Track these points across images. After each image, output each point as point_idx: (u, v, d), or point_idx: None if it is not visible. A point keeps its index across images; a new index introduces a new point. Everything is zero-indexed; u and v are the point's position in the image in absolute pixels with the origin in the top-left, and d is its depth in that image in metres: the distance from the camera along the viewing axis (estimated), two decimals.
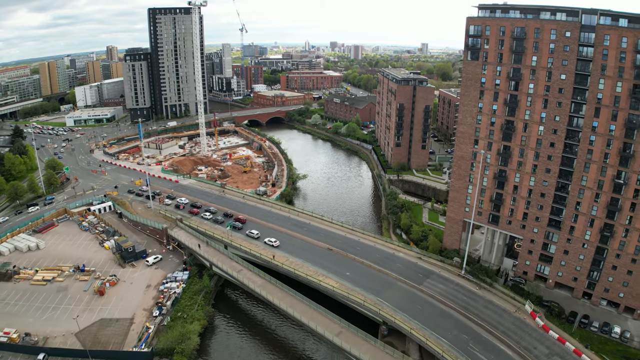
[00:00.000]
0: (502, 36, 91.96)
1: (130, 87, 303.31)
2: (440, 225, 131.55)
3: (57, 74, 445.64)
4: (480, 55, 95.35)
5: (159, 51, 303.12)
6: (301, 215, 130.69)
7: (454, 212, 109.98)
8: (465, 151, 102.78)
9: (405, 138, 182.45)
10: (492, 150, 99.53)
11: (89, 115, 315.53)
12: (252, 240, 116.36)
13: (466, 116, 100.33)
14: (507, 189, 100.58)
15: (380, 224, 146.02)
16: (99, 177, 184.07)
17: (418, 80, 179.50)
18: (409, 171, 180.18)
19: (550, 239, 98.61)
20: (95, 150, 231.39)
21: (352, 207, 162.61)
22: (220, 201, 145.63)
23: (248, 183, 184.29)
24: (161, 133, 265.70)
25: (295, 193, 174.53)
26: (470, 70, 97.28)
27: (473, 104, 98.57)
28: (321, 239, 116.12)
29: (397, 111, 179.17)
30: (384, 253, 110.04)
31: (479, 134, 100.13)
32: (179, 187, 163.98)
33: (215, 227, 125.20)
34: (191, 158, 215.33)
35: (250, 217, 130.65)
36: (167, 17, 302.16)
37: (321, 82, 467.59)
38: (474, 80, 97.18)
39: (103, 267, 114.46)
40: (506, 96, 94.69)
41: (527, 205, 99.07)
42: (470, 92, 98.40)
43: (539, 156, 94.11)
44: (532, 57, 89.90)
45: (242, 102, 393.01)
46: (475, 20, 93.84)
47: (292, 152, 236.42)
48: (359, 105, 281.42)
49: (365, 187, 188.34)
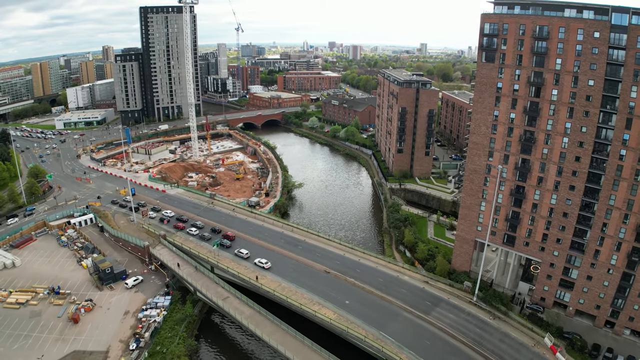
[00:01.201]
0: (521, 35, 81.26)
1: (121, 88, 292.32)
2: (447, 242, 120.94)
3: (50, 75, 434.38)
4: (496, 56, 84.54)
5: (151, 51, 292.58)
6: (295, 231, 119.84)
7: (465, 231, 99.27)
8: (479, 164, 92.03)
9: (408, 144, 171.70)
10: (509, 163, 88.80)
11: (78, 117, 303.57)
12: (241, 260, 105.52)
13: (480, 125, 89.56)
14: (525, 207, 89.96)
15: (382, 238, 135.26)
16: (84, 185, 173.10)
17: (421, 82, 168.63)
18: (411, 179, 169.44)
19: (572, 263, 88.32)
20: (82, 155, 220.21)
21: (351, 220, 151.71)
22: (208, 214, 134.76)
23: (240, 191, 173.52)
24: (152, 137, 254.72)
25: (291, 203, 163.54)
26: (484, 73, 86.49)
27: (488, 111, 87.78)
28: (317, 259, 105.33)
29: (399, 115, 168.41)
30: (387, 276, 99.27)
31: (494, 146, 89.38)
32: (166, 197, 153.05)
33: (202, 245, 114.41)
34: (181, 164, 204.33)
35: (239, 233, 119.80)
36: (159, 16, 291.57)
37: (319, 83, 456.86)
38: (489, 85, 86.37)
39: (80, 289, 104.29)
40: (526, 103, 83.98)
41: (548, 225, 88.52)
42: (485, 98, 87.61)
43: (563, 171, 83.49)
44: (556, 59, 79.32)
45: (238, 104, 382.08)
46: (491, 18, 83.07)
47: (288, 157, 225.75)
48: (358, 108, 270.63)
49: (365, 197, 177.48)
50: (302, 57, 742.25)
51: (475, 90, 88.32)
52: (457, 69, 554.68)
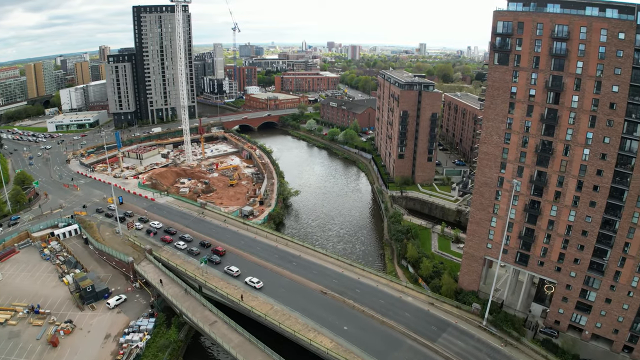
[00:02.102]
0: (538, 35, 73.39)
1: (114, 90, 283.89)
2: (452, 256, 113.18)
3: (44, 76, 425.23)
4: (510, 58, 76.61)
5: (144, 52, 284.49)
6: (290, 245, 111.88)
7: (473, 248, 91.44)
8: (490, 176, 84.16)
9: (409, 149, 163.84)
10: (524, 176, 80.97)
11: (70, 120, 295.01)
12: (231, 279, 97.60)
13: (491, 134, 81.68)
14: (541, 224, 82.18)
15: (383, 251, 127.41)
16: (71, 192, 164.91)
17: (423, 84, 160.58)
18: (413, 186, 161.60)
19: (590, 284, 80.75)
20: (72, 160, 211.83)
21: (350, 231, 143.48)
22: (198, 225, 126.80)
23: (234, 199, 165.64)
24: (144, 140, 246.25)
25: (286, 212, 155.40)
26: (497, 77, 78.53)
27: (500, 118, 79.88)
28: (313, 277, 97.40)
29: (400, 119, 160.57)
30: (389, 297, 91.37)
31: (507, 156, 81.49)
32: (155, 206, 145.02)
33: (189, 261, 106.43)
34: (173, 169, 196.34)
35: (230, 247, 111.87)
36: (152, 15, 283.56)
37: (317, 84, 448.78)
38: (503, 90, 78.47)
39: (60, 307, 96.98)
40: (543, 111, 76.14)
41: (565, 244, 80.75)
42: (497, 104, 79.70)
43: (583, 186, 75.71)
44: (577, 63, 71.50)
45: (234, 105, 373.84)
46: (505, 15, 75.18)
47: (285, 161, 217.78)
48: (357, 110, 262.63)
49: (364, 205, 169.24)
50: (301, 57, 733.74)
51: (487, 96, 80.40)
52: (457, 69, 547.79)
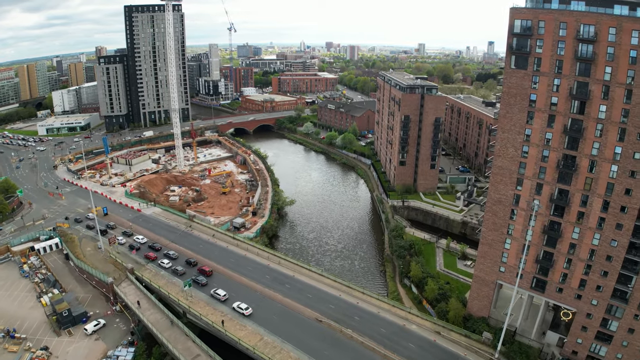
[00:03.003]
0: (561, 36, 64.71)
1: (105, 92, 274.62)
2: (459, 275, 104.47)
3: (37, 77, 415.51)
4: (529, 62, 67.80)
5: (136, 53, 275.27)
6: (283, 264, 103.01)
7: (485, 272, 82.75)
8: (504, 194, 75.44)
9: (411, 155, 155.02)
10: (543, 194, 72.30)
11: (61, 123, 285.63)
12: (218, 304, 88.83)
13: (506, 146, 72.93)
14: (561, 247, 73.53)
15: (384, 268, 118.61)
16: (55, 201, 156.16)
17: (426, 87, 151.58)
18: (415, 195, 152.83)
19: (612, 313, 72.28)
20: (59, 166, 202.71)
21: (348, 245, 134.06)
22: (185, 240, 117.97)
23: (226, 208, 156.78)
24: (135, 144, 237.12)
25: (280, 224, 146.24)
26: (514, 82, 69.74)
27: (517, 129, 71.15)
28: (308, 302, 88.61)
29: (402, 124, 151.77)
30: (391, 325, 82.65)
31: (524, 172, 72.76)
32: (140, 217, 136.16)
33: (174, 282, 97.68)
34: (163, 176, 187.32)
35: (218, 266, 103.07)
36: (144, 15, 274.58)
37: (315, 85, 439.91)
38: (520, 97, 69.72)
39: (37, 331, 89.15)
40: (566, 121, 67.43)
41: (587, 270, 72.13)
42: (514, 113, 70.93)
43: (609, 206, 67.03)
44: (605, 68, 62.86)
45: (230, 107, 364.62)
46: (524, 13, 66.45)
47: (281, 166, 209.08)
48: (355, 113, 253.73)
49: (363, 215, 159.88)
50: (299, 57, 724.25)
51: (502, 103, 71.60)
52: (458, 70, 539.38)
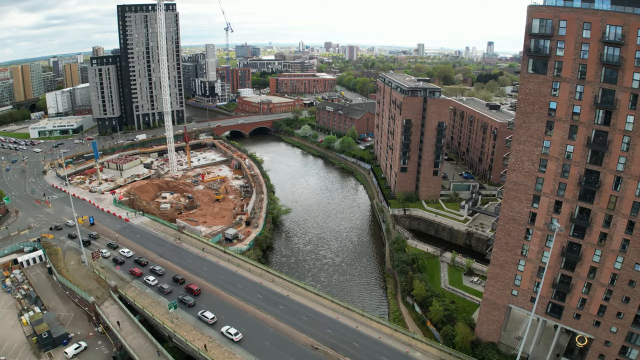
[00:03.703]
0: (585, 38, 57.64)
1: (97, 94, 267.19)
2: (465, 293, 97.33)
3: (31, 78, 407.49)
4: (549, 66, 60.67)
5: (129, 53, 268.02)
6: (277, 282, 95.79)
7: (495, 295, 75.66)
8: (519, 211, 68.32)
9: (413, 162, 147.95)
10: (562, 212, 65.16)
11: (53, 125, 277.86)
12: (206, 327, 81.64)
13: (522, 159, 65.80)
14: (580, 270, 66.48)
15: (385, 284, 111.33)
16: (42, 209, 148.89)
17: (429, 90, 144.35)
18: (417, 203, 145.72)
19: (632, 341, 65.78)
20: (48, 171, 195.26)
21: (347, 257, 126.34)
22: (173, 254, 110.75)
23: (219, 216, 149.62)
24: (127, 148, 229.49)
25: (275, 234, 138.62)
26: (532, 89, 62.54)
27: (535, 141, 63.99)
28: (303, 326, 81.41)
29: (403, 129, 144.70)
30: (394, 353, 75.45)
31: (541, 188, 65.59)
32: (128, 228, 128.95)
33: (159, 302, 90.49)
34: (155, 182, 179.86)
35: (207, 284, 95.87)
36: (137, 15, 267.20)
37: (313, 86, 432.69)
38: (539, 105, 62.58)
39: (17, 353, 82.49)
40: (590, 133, 60.35)
41: (608, 295, 65.25)
42: (531, 123, 63.74)
43: (634, 228, 60.08)
44: (634, 74, 55.85)
45: (226, 109, 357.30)
46: (543, 11, 59.29)
47: (277, 171, 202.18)
48: (355, 115, 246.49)
49: (363, 224, 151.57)
50: (297, 57, 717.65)
51: (518, 112, 64.39)
52: (458, 70, 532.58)
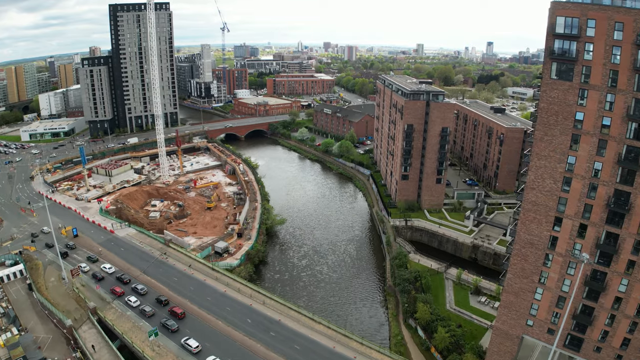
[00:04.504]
0: (617, 40, 50.18)
1: (89, 96, 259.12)
2: (472, 315, 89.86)
3: (25, 79, 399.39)
4: (576, 71, 53.20)
5: (121, 54, 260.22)
6: (268, 305, 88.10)
7: (509, 325, 68.15)
8: (537, 235, 60.79)
9: (415, 169, 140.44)
10: (587, 237, 57.67)
11: (45, 128, 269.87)
12: (189, 357, 74.12)
13: (543, 177, 58.28)
14: (604, 301, 59.04)
15: (385, 302, 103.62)
16: (26, 218, 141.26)
17: (432, 93, 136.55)
18: (419, 212, 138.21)
19: None
20: (36, 176, 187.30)
21: (345, 273, 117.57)
22: (157, 271, 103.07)
23: (210, 226, 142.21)
24: (118, 152, 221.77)
25: (269, 247, 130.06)
26: (555, 97, 55.03)
27: (558, 156, 56.50)
28: (296, 356, 73.81)
29: (405, 134, 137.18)
30: None
31: (564, 209, 58.08)
32: (112, 241, 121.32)
33: (140, 326, 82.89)
34: (145, 189, 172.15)
35: (192, 306, 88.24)
36: (130, 14, 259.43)
37: (312, 87, 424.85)
38: (563, 116, 55.09)
39: None
40: (621, 148, 52.83)
41: (633, 327, 57.94)
42: (554, 136, 56.23)
43: None
44: None
45: (223, 110, 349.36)
46: (569, 9, 51.81)
47: (273, 177, 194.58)
48: (353, 118, 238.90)
49: (362, 235, 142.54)
50: (296, 58, 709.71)
51: (539, 123, 56.78)
52: (458, 71, 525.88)
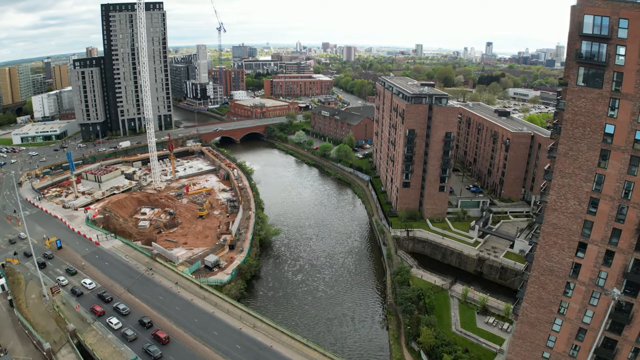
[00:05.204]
0: None
1: (80, 98, 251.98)
2: (480, 339, 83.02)
3: (19, 80, 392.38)
4: (606, 78, 46.56)
5: (114, 55, 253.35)
6: (259, 328, 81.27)
7: (522, 357, 61.33)
8: (558, 261, 54.13)
9: (417, 176, 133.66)
10: (613, 265, 50.97)
11: (36, 131, 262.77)
12: None
13: (566, 196, 51.66)
14: (628, 334, 52.38)
15: (386, 322, 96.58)
16: (11, 227, 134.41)
17: (435, 96, 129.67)
18: (421, 222, 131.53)
19: None
20: (24, 182, 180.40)
21: (342, 289, 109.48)
22: (142, 289, 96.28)
23: (202, 236, 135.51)
24: (110, 156, 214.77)
25: (262, 260, 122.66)
26: (582, 107, 48.41)
27: (584, 174, 49.91)
28: None
29: (406, 140, 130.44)
30: None
31: (589, 234, 51.48)
32: (97, 253, 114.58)
33: (122, 352, 76.33)
34: (134, 195, 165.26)
35: (178, 329, 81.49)
36: (122, 14, 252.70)
37: (310, 88, 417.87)
38: (591, 129, 48.49)
39: None
40: None
41: None
42: (580, 151, 49.64)
43: None
44: None
45: (219, 112, 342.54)
46: (598, 7, 45.16)
47: (268, 184, 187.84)
48: (352, 121, 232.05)
49: (361, 247, 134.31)
50: (294, 58, 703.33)
51: (563, 136, 50.10)
52: (458, 71, 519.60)
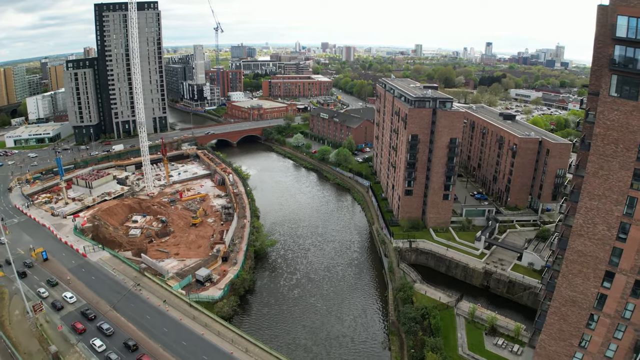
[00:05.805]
0: None
1: (74, 100, 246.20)
2: None
3: (14, 81, 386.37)
4: None
5: (107, 56, 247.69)
6: (252, 353, 75.39)
7: None
8: (582, 291, 48.52)
9: (420, 183, 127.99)
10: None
11: (29, 134, 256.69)
12: None
13: (595, 221, 46.02)
14: None
15: (388, 341, 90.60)
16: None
17: (439, 100, 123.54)
18: (424, 231, 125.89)
19: None
20: (14, 188, 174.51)
21: (341, 306, 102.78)
22: (128, 306, 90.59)
23: (195, 246, 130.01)
24: (102, 160, 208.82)
25: (257, 275, 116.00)
26: (614, 120, 42.81)
27: (615, 197, 44.31)
28: None
29: (408, 145, 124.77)
30: None
31: (618, 262, 45.88)
32: (84, 266, 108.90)
33: None
34: (126, 202, 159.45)
35: (165, 352, 75.88)
36: (116, 14, 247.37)
37: (309, 89, 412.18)
38: (624, 145, 42.90)
39: None
40: None
41: None
42: (612, 171, 44.03)
43: None
44: None
45: (216, 113, 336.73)
46: (634, 6, 39.53)
47: (264, 190, 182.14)
48: (352, 124, 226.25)
49: (361, 258, 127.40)
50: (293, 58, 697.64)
51: (592, 153, 44.54)
52: (459, 72, 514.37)
